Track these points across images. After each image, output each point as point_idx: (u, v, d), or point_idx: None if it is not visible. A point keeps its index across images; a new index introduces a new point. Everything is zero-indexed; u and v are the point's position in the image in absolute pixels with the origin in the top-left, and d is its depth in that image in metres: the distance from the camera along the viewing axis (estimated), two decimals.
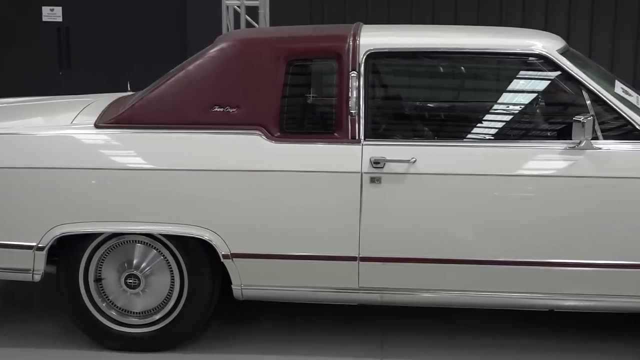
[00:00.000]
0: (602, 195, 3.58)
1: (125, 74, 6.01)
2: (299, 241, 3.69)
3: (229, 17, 7.20)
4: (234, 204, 3.68)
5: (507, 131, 3.93)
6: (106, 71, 8.37)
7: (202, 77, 3.82)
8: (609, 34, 8.34)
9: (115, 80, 6.01)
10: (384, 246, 3.67)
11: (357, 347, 3.95)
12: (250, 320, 4.26)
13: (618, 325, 4.17)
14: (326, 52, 3.79)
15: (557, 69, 3.72)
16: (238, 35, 4.28)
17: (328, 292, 3.79)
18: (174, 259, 3.83)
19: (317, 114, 4.18)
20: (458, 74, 4.28)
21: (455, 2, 8.48)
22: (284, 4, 8.01)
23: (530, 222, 3.61)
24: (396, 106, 4.22)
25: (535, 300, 3.74)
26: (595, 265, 3.63)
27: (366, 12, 8.42)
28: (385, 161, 3.62)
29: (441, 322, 4.21)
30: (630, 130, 3.64)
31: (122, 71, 7.48)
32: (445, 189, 3.62)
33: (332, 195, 3.65)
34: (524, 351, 3.92)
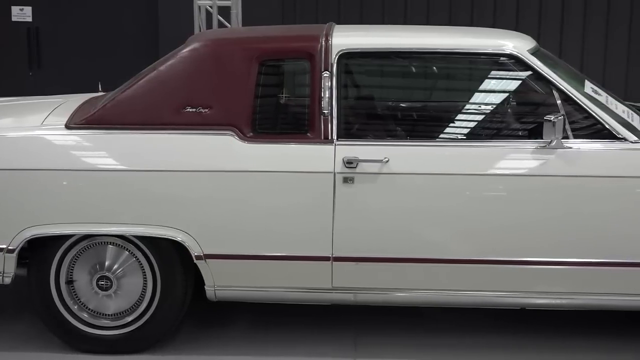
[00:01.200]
0: (573, 194, 3.61)
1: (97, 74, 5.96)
2: (272, 241, 3.69)
3: (201, 17, 7.16)
4: (207, 205, 3.67)
5: (479, 131, 3.95)
6: (77, 72, 8.31)
7: (174, 78, 3.80)
8: (578, 34, 8.43)
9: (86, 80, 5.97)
10: (357, 246, 3.68)
11: (331, 347, 3.96)
12: (223, 321, 4.25)
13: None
14: (298, 52, 3.79)
15: (528, 69, 3.75)
16: (210, 35, 4.27)
17: (301, 292, 3.79)
18: (147, 260, 3.80)
19: (290, 114, 4.18)
20: (430, 74, 4.30)
21: (427, 2, 8.51)
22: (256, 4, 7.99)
23: (502, 221, 3.64)
24: (369, 106, 4.23)
25: (508, 299, 3.76)
26: (566, 264, 3.66)
27: (338, 13, 8.43)
28: (358, 161, 3.63)
29: (415, 322, 4.22)
30: (600, 129, 3.68)
31: (93, 72, 7.42)
32: (418, 189, 3.64)
33: (305, 195, 3.65)
34: (499, 349, 3.95)
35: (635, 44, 8.39)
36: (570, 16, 8.41)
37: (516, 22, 8.31)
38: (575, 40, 8.43)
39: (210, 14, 7.16)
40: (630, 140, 3.65)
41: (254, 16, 7.59)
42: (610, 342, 4.01)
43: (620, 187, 3.60)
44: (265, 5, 8.29)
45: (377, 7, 8.52)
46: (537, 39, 4.26)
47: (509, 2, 8.44)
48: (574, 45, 8.41)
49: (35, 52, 8.59)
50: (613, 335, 4.08)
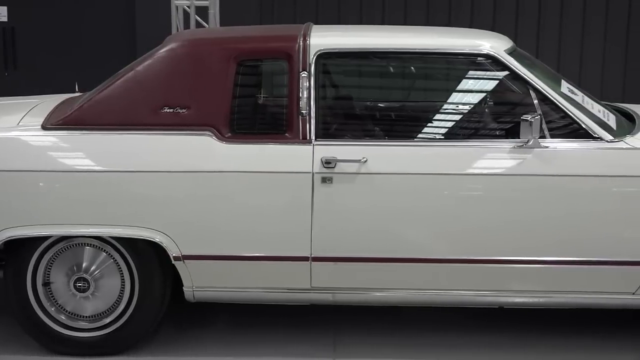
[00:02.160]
0: (550, 193, 3.64)
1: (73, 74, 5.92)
2: (250, 242, 3.68)
3: (178, 17, 7.14)
4: (185, 206, 3.66)
5: (457, 131, 3.97)
6: (53, 72, 8.24)
7: (152, 78, 3.79)
8: (555, 34, 8.48)
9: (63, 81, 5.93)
10: (335, 246, 3.68)
11: (310, 348, 3.96)
12: (202, 322, 4.24)
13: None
14: (276, 53, 3.78)
15: (505, 69, 3.77)
16: (188, 35, 4.25)
17: (280, 293, 3.79)
18: (124, 261, 3.79)
19: (268, 115, 4.17)
20: (408, 74, 4.31)
21: (405, 2, 8.53)
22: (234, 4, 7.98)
23: (480, 221, 3.65)
24: (347, 106, 4.23)
25: (486, 298, 3.78)
26: (544, 262, 3.68)
27: (316, 13, 8.43)
28: (336, 161, 3.63)
29: (393, 322, 4.23)
30: (576, 129, 3.70)
31: (70, 72, 7.37)
32: (396, 189, 3.65)
33: (284, 195, 3.65)
34: (478, 348, 3.96)
35: (612, 44, 8.46)
36: (546, 16, 8.46)
37: (493, 22, 8.35)
38: (551, 40, 8.48)
39: (188, 14, 7.14)
40: (606, 140, 3.68)
41: (232, 16, 7.58)
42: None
43: (597, 186, 3.63)
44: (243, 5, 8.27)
45: (354, 7, 8.54)
46: (514, 39, 4.28)
47: (486, 2, 8.48)
48: (550, 45, 8.47)
49: (10, 52, 8.51)
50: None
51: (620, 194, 3.63)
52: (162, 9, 7.57)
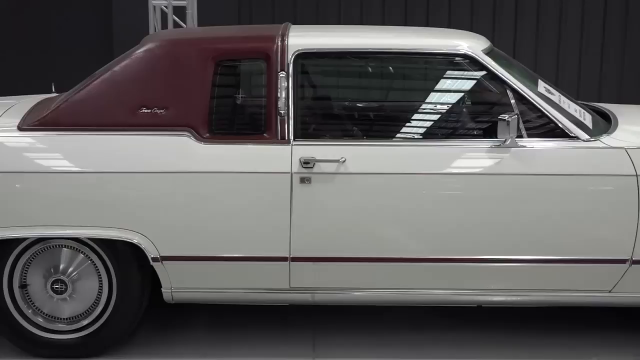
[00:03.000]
0: (527, 192, 3.66)
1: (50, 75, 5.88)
2: (229, 243, 3.68)
3: (156, 17, 7.12)
4: (163, 207, 3.64)
5: (435, 130, 3.98)
6: (30, 72, 8.19)
7: (129, 78, 3.77)
8: (532, 34, 8.54)
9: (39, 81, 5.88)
10: (314, 246, 3.68)
11: (290, 348, 3.95)
12: (181, 323, 4.22)
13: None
14: (254, 53, 3.78)
15: (483, 69, 3.79)
16: (165, 35, 4.24)
17: (259, 293, 3.78)
18: (102, 263, 3.76)
19: (247, 115, 4.17)
20: (386, 74, 4.32)
21: (383, 2, 8.55)
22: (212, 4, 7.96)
23: (458, 220, 3.66)
24: (325, 106, 4.23)
25: (464, 297, 3.80)
26: (521, 261, 3.70)
27: (294, 13, 8.43)
28: (314, 161, 3.63)
29: (373, 321, 4.24)
30: (553, 128, 3.73)
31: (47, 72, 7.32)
32: (375, 188, 3.65)
33: (262, 196, 3.64)
34: (457, 346, 3.98)
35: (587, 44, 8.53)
36: (523, 17, 8.52)
37: (471, 22, 8.40)
38: (528, 40, 8.54)
39: (166, 14, 7.12)
40: (582, 139, 3.70)
41: (210, 16, 7.56)
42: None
43: (574, 185, 3.65)
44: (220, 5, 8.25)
45: (333, 7, 8.55)
46: (492, 39, 4.30)
47: (464, 3, 8.52)
48: (527, 45, 8.52)
49: None
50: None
51: (597, 193, 3.66)
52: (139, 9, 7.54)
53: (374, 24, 8.28)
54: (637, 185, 3.62)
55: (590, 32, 8.51)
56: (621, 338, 4.06)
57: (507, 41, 8.34)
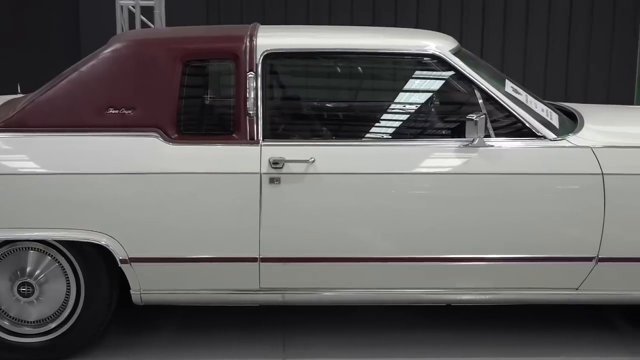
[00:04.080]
0: (495, 191, 3.69)
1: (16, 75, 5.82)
2: (198, 244, 3.66)
3: (123, 17, 7.07)
4: (131, 208, 3.62)
5: (404, 130, 4.00)
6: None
7: (96, 79, 3.74)
8: (499, 34, 8.61)
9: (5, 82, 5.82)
10: (284, 246, 3.68)
11: (260, 348, 3.95)
12: (150, 325, 4.20)
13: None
14: (223, 53, 3.77)
15: (450, 69, 3.81)
16: (132, 35, 4.21)
17: (229, 294, 3.77)
18: (70, 265, 3.73)
19: (215, 115, 4.15)
20: (355, 74, 4.33)
21: (351, 2, 8.58)
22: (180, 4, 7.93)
23: (427, 219, 3.68)
24: (294, 106, 4.23)
25: (434, 296, 3.82)
26: (489, 260, 3.73)
27: (263, 13, 8.43)
28: (284, 161, 3.63)
29: (343, 321, 4.24)
30: (520, 128, 3.76)
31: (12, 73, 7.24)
32: (344, 188, 3.66)
33: (231, 196, 3.63)
34: (427, 345, 3.99)
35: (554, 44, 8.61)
36: (490, 17, 8.59)
37: (439, 23, 8.45)
38: (495, 41, 8.61)
39: (133, 13, 7.07)
40: (549, 138, 3.74)
41: (178, 16, 7.53)
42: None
43: (541, 184, 3.69)
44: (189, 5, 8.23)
45: (301, 7, 8.56)
46: (459, 39, 4.33)
47: (432, 3, 8.57)
48: (494, 45, 8.59)
49: None
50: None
51: (563, 192, 3.70)
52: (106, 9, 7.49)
53: (342, 24, 8.30)
54: (603, 184, 3.66)
55: (556, 32, 8.60)
56: (590, 336, 4.10)
57: (475, 41, 8.41)
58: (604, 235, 3.69)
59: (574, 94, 8.34)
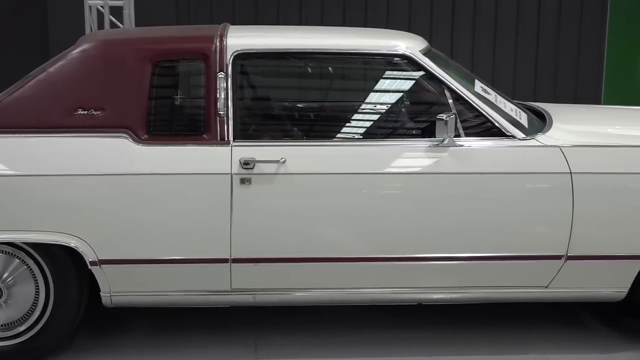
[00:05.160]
0: (465, 191, 3.71)
1: None
2: (169, 245, 3.64)
3: (92, 18, 7.02)
4: (101, 210, 3.59)
5: (375, 130, 4.01)
6: None
7: (65, 79, 3.71)
8: (468, 35, 8.66)
9: None
10: (255, 247, 3.67)
11: (231, 350, 3.94)
12: (120, 328, 4.17)
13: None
14: (193, 53, 3.75)
15: (420, 69, 3.82)
16: (101, 35, 4.18)
17: (200, 296, 3.76)
18: (39, 267, 3.69)
19: (186, 116, 4.13)
20: (326, 74, 4.33)
21: (321, 3, 8.58)
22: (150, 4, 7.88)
23: (397, 219, 3.69)
24: (265, 107, 4.23)
25: (405, 295, 3.83)
26: (459, 259, 3.75)
27: (233, 13, 8.41)
28: (254, 162, 3.62)
29: (315, 321, 4.24)
30: (489, 127, 3.79)
31: None
32: (315, 189, 3.66)
33: (202, 197, 3.62)
34: (398, 344, 4.01)
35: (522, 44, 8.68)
36: (460, 17, 8.63)
37: (409, 23, 8.48)
38: (465, 41, 8.66)
39: (102, 14, 7.02)
40: (518, 138, 3.77)
41: (147, 16, 7.49)
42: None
43: (510, 183, 3.71)
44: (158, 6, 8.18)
45: (271, 7, 8.55)
46: (429, 40, 4.35)
47: (402, 3, 8.60)
48: (464, 45, 8.64)
49: None
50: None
51: (532, 191, 3.73)
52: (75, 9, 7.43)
53: (312, 24, 8.30)
54: (571, 182, 3.70)
55: (525, 32, 8.67)
56: (559, 333, 4.14)
57: (445, 41, 8.45)
58: (573, 234, 3.72)
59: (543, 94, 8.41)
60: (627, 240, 3.76)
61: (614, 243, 3.77)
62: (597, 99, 8.61)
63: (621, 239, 3.77)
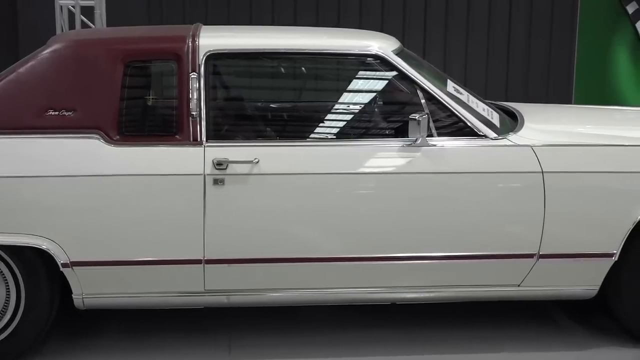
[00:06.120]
0: (438, 190, 3.72)
1: None
2: (142, 246, 3.62)
3: (63, 18, 6.96)
4: (73, 211, 3.56)
5: (348, 130, 4.01)
6: None
7: (35, 80, 3.68)
8: (441, 35, 8.69)
9: None
10: (229, 248, 3.66)
11: (206, 351, 3.92)
12: (93, 330, 4.14)
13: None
14: (165, 53, 3.74)
15: (393, 69, 3.84)
16: (72, 36, 4.15)
17: (174, 297, 3.74)
18: (9, 269, 3.65)
19: (158, 116, 4.11)
20: (299, 74, 4.33)
21: (294, 3, 8.57)
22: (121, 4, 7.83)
23: (371, 219, 3.70)
24: (238, 107, 4.21)
25: (378, 295, 3.84)
26: (433, 258, 3.76)
27: (205, 14, 8.37)
28: (228, 162, 3.61)
29: (290, 321, 4.24)
30: (462, 127, 3.81)
31: None
32: (288, 189, 3.66)
33: (175, 198, 3.60)
34: (372, 344, 4.01)
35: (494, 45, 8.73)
36: (432, 17, 8.67)
37: (381, 23, 8.49)
38: (437, 41, 8.69)
39: (73, 14, 6.96)
40: (490, 137, 3.79)
41: (119, 17, 7.44)
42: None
43: (482, 182, 3.74)
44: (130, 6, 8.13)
45: (244, 8, 8.52)
46: (402, 40, 4.36)
47: (374, 4, 8.61)
48: (436, 45, 8.67)
49: None
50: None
51: (504, 190, 3.75)
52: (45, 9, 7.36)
53: (285, 24, 8.29)
54: (543, 181, 3.73)
55: (496, 32, 8.72)
56: (531, 331, 4.17)
57: (417, 42, 8.48)
58: (545, 232, 3.75)
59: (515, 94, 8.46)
60: (598, 238, 3.80)
61: (585, 241, 3.80)
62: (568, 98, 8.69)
63: (592, 237, 3.80)
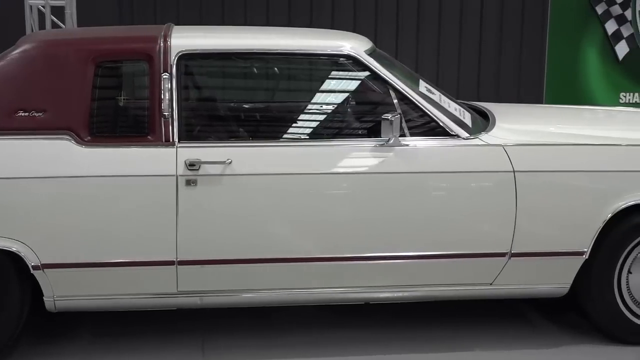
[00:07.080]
0: (410, 190, 3.74)
1: None
2: (113, 248, 3.60)
3: (33, 18, 6.89)
4: (43, 213, 3.53)
5: (321, 130, 4.01)
6: None
7: (5, 80, 3.65)
8: (413, 35, 8.72)
9: None
10: (202, 248, 3.65)
11: (178, 353, 3.91)
12: (65, 333, 4.10)
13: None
14: (136, 54, 3.72)
15: (365, 69, 3.84)
16: (42, 36, 4.12)
17: (146, 299, 3.72)
18: None
19: (130, 117, 4.08)
20: (271, 75, 4.32)
21: (267, 3, 8.56)
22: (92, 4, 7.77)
23: (344, 219, 3.71)
24: (210, 108, 4.20)
25: (352, 294, 3.84)
26: (406, 257, 3.78)
27: (177, 14, 8.33)
28: (200, 163, 3.60)
29: (264, 322, 4.23)
30: (434, 127, 3.82)
31: None
32: (261, 189, 3.65)
33: (147, 199, 3.58)
34: (348, 344, 4.02)
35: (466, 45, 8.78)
36: (404, 18, 8.69)
37: (354, 24, 8.50)
38: (409, 41, 8.72)
39: (43, 14, 6.90)
40: (462, 137, 3.81)
41: (90, 17, 7.38)
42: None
43: (454, 181, 3.76)
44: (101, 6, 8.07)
45: (216, 8, 8.49)
46: (374, 40, 4.37)
47: (346, 4, 8.62)
48: (408, 45, 8.70)
49: None
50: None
51: (476, 189, 3.77)
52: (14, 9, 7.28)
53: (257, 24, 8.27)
54: (514, 180, 3.75)
55: (468, 33, 8.76)
56: (503, 329, 4.19)
57: (389, 42, 8.50)
58: (516, 231, 3.78)
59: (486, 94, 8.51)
60: (569, 236, 3.83)
61: (556, 240, 3.83)
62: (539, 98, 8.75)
63: (563, 235, 3.83)
